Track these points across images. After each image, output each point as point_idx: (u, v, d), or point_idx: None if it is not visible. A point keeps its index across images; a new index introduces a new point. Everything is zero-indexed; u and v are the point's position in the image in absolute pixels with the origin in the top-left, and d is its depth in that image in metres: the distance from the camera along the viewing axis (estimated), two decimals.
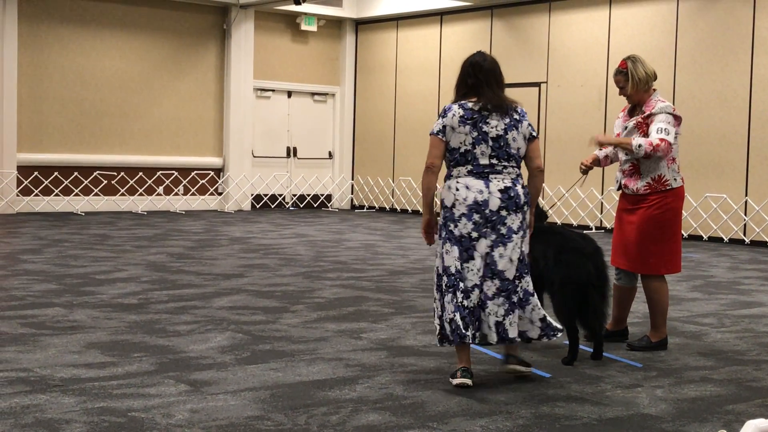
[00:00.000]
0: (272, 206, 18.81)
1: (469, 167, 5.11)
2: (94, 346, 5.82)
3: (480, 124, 5.10)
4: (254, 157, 18.53)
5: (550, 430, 4.34)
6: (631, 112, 6.28)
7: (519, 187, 5.13)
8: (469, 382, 4.99)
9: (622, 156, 6.21)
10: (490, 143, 5.10)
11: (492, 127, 5.10)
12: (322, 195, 19.49)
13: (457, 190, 5.10)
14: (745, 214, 13.68)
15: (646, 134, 6.08)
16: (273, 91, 18.89)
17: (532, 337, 5.22)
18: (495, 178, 5.10)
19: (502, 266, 5.08)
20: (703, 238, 14.13)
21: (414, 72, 18.44)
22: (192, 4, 17.60)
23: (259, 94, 18.66)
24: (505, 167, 5.12)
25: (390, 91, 18.97)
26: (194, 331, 6.35)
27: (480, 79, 5.16)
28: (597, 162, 6.37)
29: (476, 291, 5.06)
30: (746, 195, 13.66)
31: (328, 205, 19.59)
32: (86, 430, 4.12)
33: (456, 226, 5.09)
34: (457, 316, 5.02)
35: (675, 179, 6.13)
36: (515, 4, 16.50)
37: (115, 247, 11.28)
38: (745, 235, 13.74)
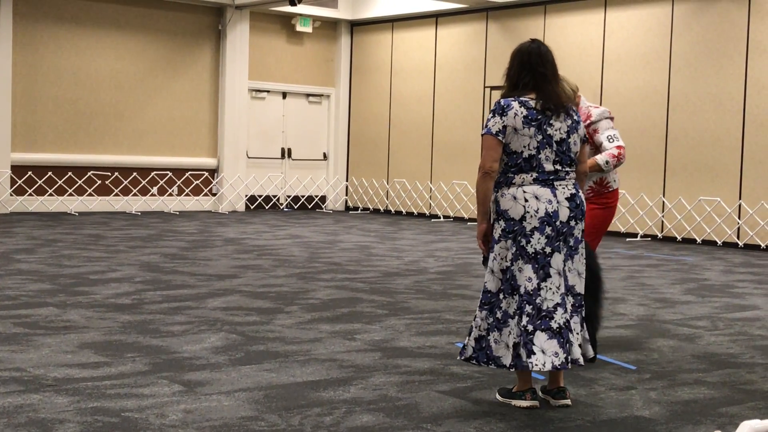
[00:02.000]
0: (266, 207, 18.80)
1: (535, 174, 4.65)
2: (88, 346, 5.81)
3: (544, 126, 4.66)
4: (249, 158, 18.52)
5: None
6: None
7: (581, 193, 4.77)
8: (538, 404, 4.71)
9: None
10: (554, 147, 4.67)
11: (555, 130, 4.68)
12: (317, 196, 19.49)
13: (526, 201, 4.62)
14: (739, 218, 13.71)
15: (591, 143, 6.07)
16: (268, 92, 18.88)
17: (588, 357, 4.83)
18: (560, 185, 4.68)
19: (572, 281, 4.73)
20: (696, 241, 14.15)
21: (409, 74, 18.45)
22: (187, 4, 17.59)
23: (254, 95, 18.65)
24: (567, 173, 4.72)
25: (385, 93, 18.98)
26: (188, 332, 6.34)
27: (542, 73, 4.69)
28: None
29: (560, 310, 4.63)
30: (740, 198, 13.69)
31: (323, 206, 19.58)
32: (80, 430, 4.11)
33: (528, 242, 4.62)
34: (537, 342, 4.58)
35: (614, 180, 6.24)
36: (510, 7, 16.53)
37: (109, 247, 11.25)
38: (738, 238, 13.77)
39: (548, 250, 4.65)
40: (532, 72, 4.71)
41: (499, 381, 5.23)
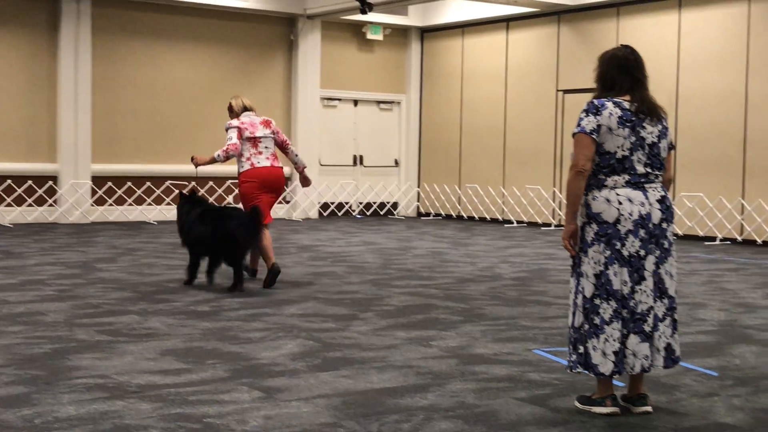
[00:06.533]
0: (339, 214, 18.91)
1: (627, 177, 4.62)
2: (169, 352, 5.92)
3: (638, 128, 4.64)
4: (321, 165, 18.67)
5: None
6: None
7: (669, 196, 4.77)
8: (618, 411, 4.68)
9: None
10: (647, 150, 4.65)
11: (648, 133, 4.66)
12: (389, 203, 19.54)
13: (620, 203, 4.59)
14: None
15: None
16: (339, 100, 19.01)
17: (678, 360, 4.79)
18: (650, 188, 4.66)
19: (668, 283, 4.70)
20: None
21: (480, 79, 18.40)
22: (260, 15, 17.82)
23: (326, 103, 18.80)
24: (657, 176, 4.69)
25: (456, 99, 18.95)
26: (266, 338, 6.42)
27: (638, 79, 4.72)
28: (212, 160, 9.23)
29: (651, 314, 4.63)
30: None
31: (395, 212, 19.63)
32: None
33: (623, 245, 4.59)
34: (630, 346, 4.60)
35: (242, 167, 9.11)
36: (583, 9, 16.36)
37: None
38: None
39: (642, 252, 4.63)
40: (631, 76, 4.73)
41: (578, 388, 5.18)
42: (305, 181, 9.56)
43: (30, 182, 15.76)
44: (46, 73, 15.97)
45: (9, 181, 15.58)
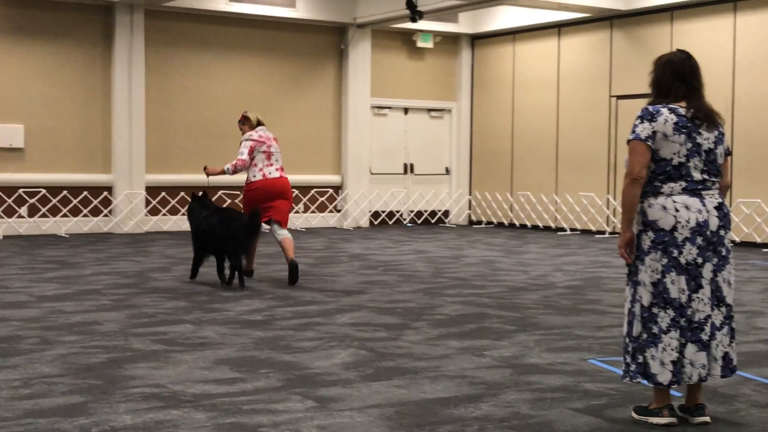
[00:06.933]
0: (390, 223, 18.91)
1: (683, 183, 4.58)
2: (223, 362, 5.95)
3: (693, 134, 4.59)
4: (372, 174, 18.69)
5: None
6: None
7: (726, 203, 4.72)
8: (676, 421, 4.60)
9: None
10: (703, 156, 4.60)
11: (704, 139, 4.61)
12: (440, 211, 19.50)
13: (677, 210, 4.55)
14: None
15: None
16: (390, 108, 19.03)
17: (735, 369, 4.73)
18: (707, 195, 4.61)
19: (726, 291, 4.64)
20: None
21: (531, 85, 18.29)
22: (310, 25, 17.92)
23: (376, 112, 18.83)
24: (714, 183, 4.65)
25: (507, 106, 18.86)
26: (318, 348, 6.43)
27: (694, 86, 4.67)
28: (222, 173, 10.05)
29: (709, 322, 4.57)
30: None
31: (446, 221, 19.58)
32: None
33: (681, 252, 4.54)
34: (687, 355, 4.54)
35: (254, 176, 9.85)
36: (636, 14, 16.19)
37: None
38: None
39: (700, 260, 4.56)
40: (686, 83, 4.67)
41: (634, 398, 5.10)
42: None
43: (85, 193, 16.01)
44: (100, 85, 16.23)
45: (65, 192, 15.84)
